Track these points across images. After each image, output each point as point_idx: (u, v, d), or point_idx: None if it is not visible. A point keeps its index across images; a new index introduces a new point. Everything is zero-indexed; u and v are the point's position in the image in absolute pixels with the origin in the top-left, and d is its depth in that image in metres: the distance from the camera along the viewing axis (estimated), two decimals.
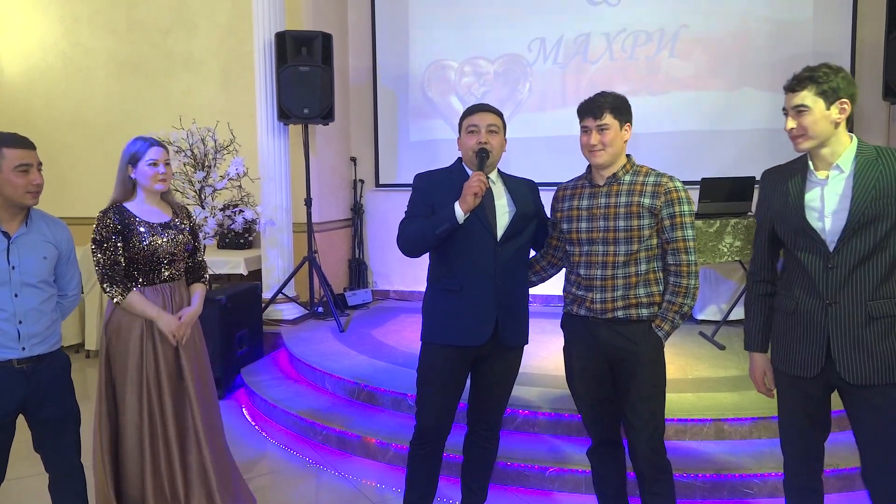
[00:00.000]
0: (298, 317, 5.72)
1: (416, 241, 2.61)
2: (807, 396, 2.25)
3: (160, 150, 2.81)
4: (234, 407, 4.62)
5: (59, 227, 2.61)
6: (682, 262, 2.45)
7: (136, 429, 2.79)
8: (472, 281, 2.60)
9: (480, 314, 2.60)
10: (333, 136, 6.47)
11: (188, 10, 6.53)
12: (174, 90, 6.59)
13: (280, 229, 5.68)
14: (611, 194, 2.48)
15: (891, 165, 2.08)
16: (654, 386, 2.51)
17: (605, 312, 2.47)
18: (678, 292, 2.45)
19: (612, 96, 2.48)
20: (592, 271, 2.48)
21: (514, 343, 2.72)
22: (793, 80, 2.16)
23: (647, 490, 2.55)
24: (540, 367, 4.26)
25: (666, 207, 2.43)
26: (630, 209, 2.43)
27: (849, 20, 5.63)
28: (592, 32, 6.15)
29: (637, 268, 2.45)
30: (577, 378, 2.61)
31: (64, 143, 6.90)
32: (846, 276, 2.11)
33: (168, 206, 2.94)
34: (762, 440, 3.46)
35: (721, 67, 5.90)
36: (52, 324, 2.53)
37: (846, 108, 2.12)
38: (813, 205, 2.16)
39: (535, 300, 6.37)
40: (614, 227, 2.45)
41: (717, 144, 5.90)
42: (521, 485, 3.39)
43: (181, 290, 2.93)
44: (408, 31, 6.63)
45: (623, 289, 2.44)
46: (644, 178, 2.47)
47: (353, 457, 3.77)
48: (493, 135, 2.64)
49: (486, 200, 2.60)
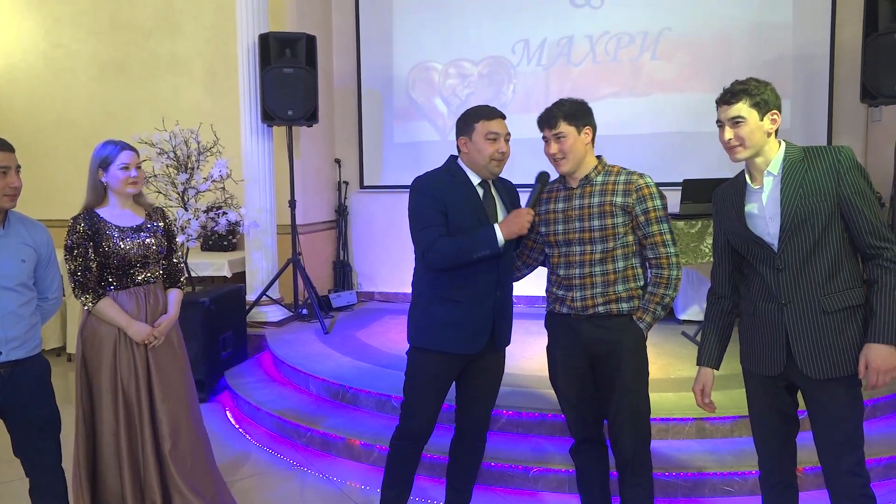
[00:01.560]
0: (283, 319, 5.71)
1: (453, 261, 2.53)
2: (774, 394, 2.33)
3: (131, 154, 2.77)
4: (218, 409, 4.60)
5: (39, 229, 2.59)
6: (661, 254, 2.50)
7: (112, 435, 2.78)
8: (476, 293, 2.60)
9: (482, 324, 2.62)
10: (318, 138, 6.47)
11: (172, 11, 6.50)
12: (158, 91, 6.56)
13: (264, 231, 5.67)
14: (584, 196, 2.52)
15: (815, 163, 2.17)
16: (637, 378, 2.54)
17: (585, 309, 2.51)
18: (660, 283, 2.51)
19: (567, 104, 2.52)
20: (571, 271, 2.54)
21: (505, 345, 2.78)
22: (727, 94, 2.23)
23: (628, 483, 2.57)
24: (524, 367, 4.28)
25: (638, 204, 2.47)
26: (603, 208, 2.48)
27: (828, 24, 5.70)
28: (576, 35, 6.19)
29: (615, 265, 2.49)
30: (560, 376, 2.65)
31: (46, 144, 6.85)
32: (795, 275, 2.19)
33: (141, 208, 2.91)
34: (743, 438, 3.48)
35: (703, 70, 5.95)
36: (31, 328, 2.50)
37: (776, 119, 2.20)
38: (753, 213, 2.26)
39: (519, 301, 6.39)
40: (589, 227, 2.50)
41: (700, 146, 5.95)
42: (505, 485, 3.40)
43: (157, 293, 2.90)
44: (392, 33, 6.64)
45: (602, 286, 2.49)
46: (615, 178, 2.52)
47: (338, 458, 3.77)
48: (508, 144, 2.66)
49: (490, 210, 2.64)
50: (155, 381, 2.84)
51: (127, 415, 2.79)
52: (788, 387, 2.32)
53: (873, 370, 2.10)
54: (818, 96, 5.78)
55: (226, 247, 6.14)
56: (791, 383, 2.30)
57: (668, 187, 2.58)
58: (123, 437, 2.78)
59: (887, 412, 3.76)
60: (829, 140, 5.77)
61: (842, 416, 2.18)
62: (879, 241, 2.13)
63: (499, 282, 2.64)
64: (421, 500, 3.30)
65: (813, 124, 5.81)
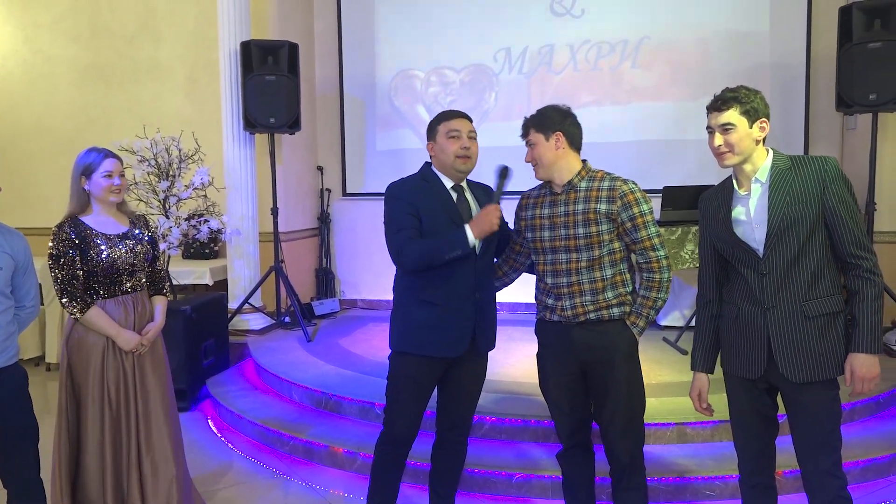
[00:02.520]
0: (265, 327, 5.69)
1: (425, 262, 2.55)
2: (754, 397, 2.37)
3: (114, 162, 2.76)
4: (200, 418, 4.57)
5: (16, 237, 2.56)
6: (652, 258, 2.50)
7: (97, 444, 2.75)
8: (454, 295, 2.60)
9: (461, 327, 2.62)
10: (300, 146, 6.46)
11: (153, 17, 6.47)
12: (140, 98, 6.52)
13: (246, 239, 5.65)
14: (569, 202, 2.52)
15: (802, 172, 2.22)
16: (631, 383, 2.55)
17: (576, 317, 2.51)
18: (651, 287, 2.51)
19: (539, 112, 2.55)
20: (559, 279, 2.53)
21: (487, 350, 2.77)
22: (717, 101, 2.26)
23: (624, 486, 2.58)
24: (508, 374, 4.30)
25: (624, 211, 2.47)
26: (587, 216, 2.48)
27: (804, 33, 5.80)
28: (557, 43, 6.24)
29: (602, 272, 2.49)
30: (551, 384, 2.64)
31: (26, 151, 6.78)
32: (779, 280, 2.23)
33: (124, 216, 2.89)
34: (724, 443, 3.52)
35: (682, 78, 6.02)
36: (8, 337, 2.48)
37: (765, 126, 2.26)
38: (740, 218, 2.29)
39: (503, 307, 6.41)
40: (574, 234, 2.49)
41: (680, 153, 6.02)
42: (489, 491, 3.41)
43: (144, 300, 2.90)
44: (374, 41, 6.66)
45: (591, 294, 2.49)
46: (599, 184, 2.51)
47: (321, 466, 3.76)
48: (474, 141, 2.67)
49: (465, 213, 2.65)
50: (140, 391, 2.82)
51: (113, 425, 2.77)
52: (768, 389, 2.36)
53: (858, 378, 2.18)
54: (795, 104, 5.87)
55: (207, 255, 6.11)
56: (771, 386, 2.34)
57: (649, 194, 2.59)
58: (108, 447, 2.75)
59: (864, 416, 3.81)
60: (806, 148, 5.86)
61: (820, 418, 2.23)
62: (859, 251, 2.19)
63: (478, 284, 2.64)
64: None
65: (790, 132, 5.89)
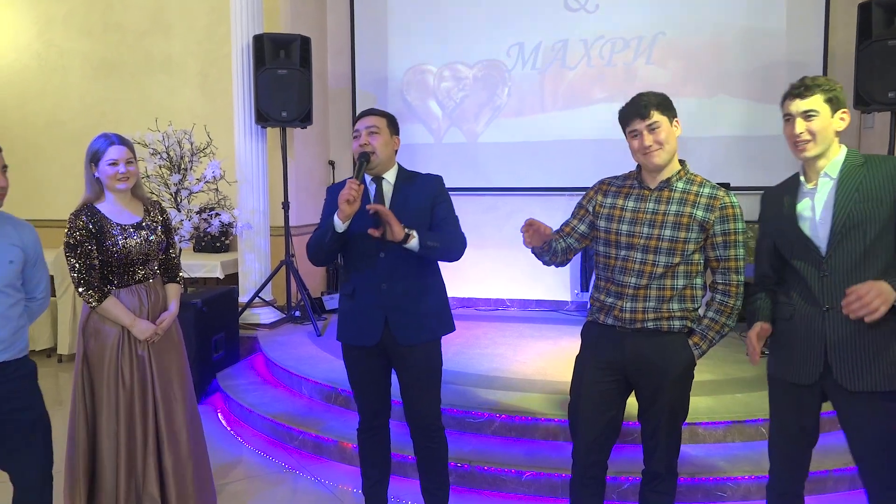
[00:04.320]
0: (275, 321, 5.69)
1: (315, 250, 2.70)
2: (800, 406, 2.24)
3: (121, 150, 2.72)
4: (210, 411, 4.58)
5: (27, 229, 2.55)
6: (732, 281, 2.38)
7: (112, 432, 2.75)
8: (361, 285, 2.69)
9: (369, 317, 2.68)
10: (311, 140, 6.46)
11: (165, 11, 6.48)
12: (152, 92, 6.53)
13: (257, 233, 5.65)
14: (661, 200, 2.37)
15: (876, 169, 2.11)
16: (681, 402, 2.45)
17: (633, 322, 2.37)
18: (724, 311, 2.39)
19: (654, 95, 2.40)
20: (627, 278, 2.38)
21: (410, 342, 2.68)
22: (800, 87, 2.15)
23: (651, 489, 2.52)
24: (517, 371, 4.28)
25: (720, 223, 2.34)
26: (680, 219, 2.33)
27: (821, 30, 5.72)
28: (570, 39, 6.20)
29: (674, 281, 2.36)
30: (584, 393, 2.47)
31: (38, 144, 6.81)
32: (842, 281, 2.09)
33: (139, 203, 2.87)
34: (736, 444, 3.50)
35: (697, 75, 5.97)
36: (18, 329, 2.46)
37: (845, 118, 2.15)
38: (805, 214, 2.19)
39: (513, 304, 6.44)
40: (659, 235, 2.34)
41: (693, 151, 5.96)
42: (498, 489, 3.39)
43: (157, 289, 2.89)
44: (387, 36, 6.64)
45: (656, 300, 2.35)
46: (699, 188, 2.36)
47: (330, 461, 3.76)
48: (375, 136, 2.68)
49: (377, 201, 2.67)
50: (157, 381, 2.82)
51: (127, 413, 2.76)
52: (818, 398, 2.22)
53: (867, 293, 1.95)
54: None
55: (218, 248, 6.12)
56: (822, 394, 2.21)
57: None
58: (122, 435, 2.75)
59: None
60: None
61: (885, 437, 2.08)
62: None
63: (383, 275, 2.65)
64: (404, 502, 3.30)
65: None
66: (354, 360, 2.79)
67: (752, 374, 4.11)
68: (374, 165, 2.68)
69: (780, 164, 5.93)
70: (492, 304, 6.39)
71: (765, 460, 3.31)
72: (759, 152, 5.92)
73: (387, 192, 2.72)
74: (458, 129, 6.53)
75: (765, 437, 3.52)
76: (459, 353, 4.66)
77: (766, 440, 3.50)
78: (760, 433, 3.51)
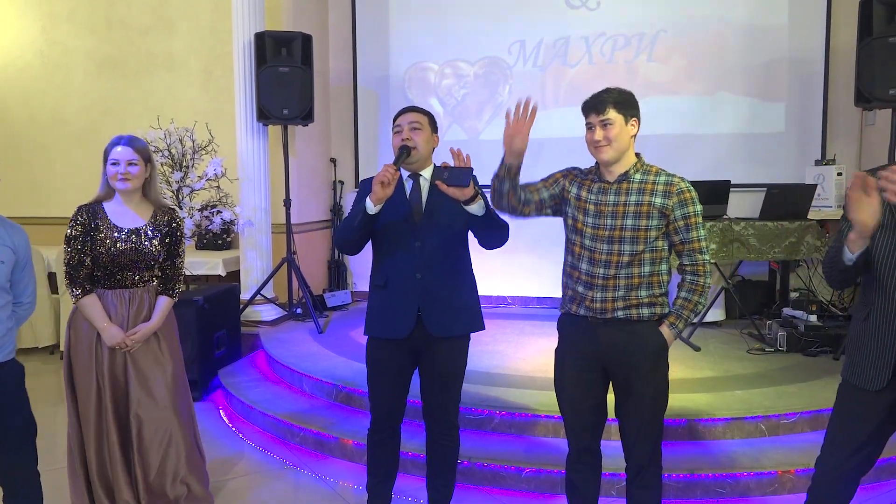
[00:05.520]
0: (277, 318, 5.70)
1: (344, 234, 2.69)
2: (870, 414, 2.14)
3: (126, 150, 2.75)
4: (212, 408, 4.60)
5: (17, 231, 2.54)
6: (699, 261, 2.44)
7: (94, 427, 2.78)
8: (394, 276, 2.69)
9: (402, 308, 2.67)
10: (313, 137, 6.46)
11: (168, 9, 6.49)
12: (154, 89, 6.55)
13: (259, 230, 5.66)
14: (620, 192, 2.42)
15: None
16: (657, 386, 2.47)
17: (604, 312, 2.42)
18: (696, 290, 2.45)
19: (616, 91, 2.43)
20: (595, 269, 2.43)
21: (442, 334, 2.68)
22: None
23: (637, 484, 2.54)
24: (519, 367, 4.29)
25: (679, 208, 2.40)
26: (640, 208, 2.39)
27: (823, 27, 5.72)
28: (572, 36, 6.20)
29: (640, 269, 2.41)
30: (567, 382, 2.55)
31: (41, 142, 6.82)
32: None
33: (150, 208, 2.88)
34: (735, 440, 3.50)
35: (698, 72, 5.97)
36: (7, 332, 2.46)
37: None
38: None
39: (514, 301, 6.45)
40: (621, 225, 2.40)
41: (694, 148, 5.98)
42: (498, 485, 3.40)
43: (144, 298, 2.86)
44: (388, 33, 6.64)
45: (625, 289, 2.40)
46: (655, 178, 2.43)
47: (331, 458, 3.77)
48: (417, 131, 2.69)
49: (413, 199, 2.68)
50: (133, 385, 2.81)
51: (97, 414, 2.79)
52: (892, 406, 2.12)
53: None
54: (813, 99, 5.81)
55: (220, 245, 6.13)
56: (892, 402, 2.11)
57: None
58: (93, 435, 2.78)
59: None
60: (824, 144, 5.79)
61: None
62: None
63: (419, 265, 2.65)
64: (406, 498, 3.31)
65: (807, 128, 5.84)
66: (379, 355, 2.76)
67: (752, 372, 4.13)
68: (414, 160, 2.69)
69: (780, 162, 5.94)
70: (492, 301, 6.40)
71: (764, 457, 3.35)
72: (760, 149, 5.92)
73: (424, 188, 2.72)
74: (460, 126, 6.54)
75: (763, 434, 3.57)
76: None
77: (764, 437, 3.56)
78: (760, 430, 3.52)
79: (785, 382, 3.94)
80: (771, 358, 4.42)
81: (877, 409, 2.15)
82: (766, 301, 5.62)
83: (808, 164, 5.68)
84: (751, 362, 4.32)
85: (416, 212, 2.67)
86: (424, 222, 2.67)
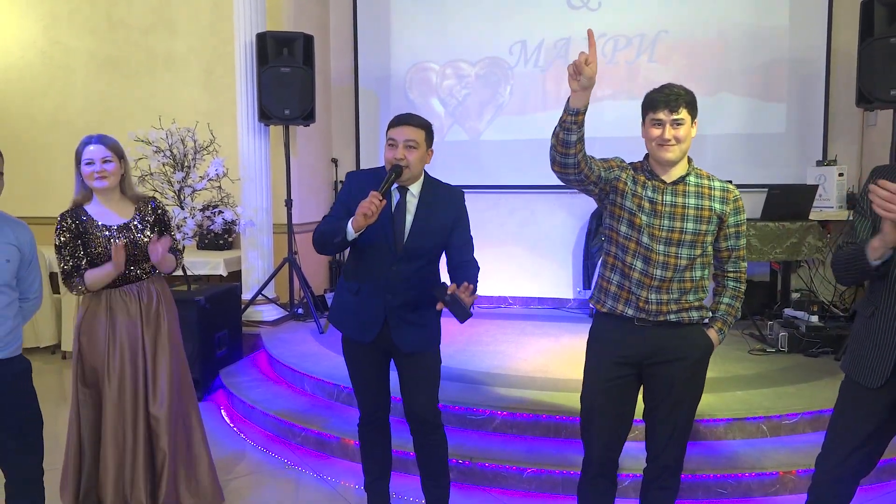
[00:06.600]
0: (278, 318, 5.71)
1: (322, 243, 2.65)
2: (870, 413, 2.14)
3: (98, 148, 2.74)
4: (213, 408, 4.60)
5: (22, 229, 2.55)
6: (742, 269, 2.49)
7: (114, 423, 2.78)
8: (367, 288, 2.68)
9: (370, 316, 2.67)
10: (314, 138, 6.47)
11: (169, 9, 6.49)
12: (155, 90, 6.54)
13: (260, 230, 5.67)
14: (677, 193, 2.38)
15: None
16: (696, 392, 2.48)
17: (658, 314, 2.38)
18: (738, 297, 2.49)
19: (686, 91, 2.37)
20: (652, 269, 2.37)
21: (409, 350, 2.70)
22: None
23: (657, 485, 2.53)
24: (519, 368, 4.29)
25: (734, 215, 2.41)
26: (701, 212, 2.37)
27: (824, 28, 5.73)
28: (573, 36, 6.20)
29: (692, 273, 2.39)
30: (600, 388, 2.47)
31: (43, 142, 6.82)
32: None
33: (130, 203, 2.88)
34: (737, 441, 3.50)
35: (699, 73, 5.97)
36: (14, 329, 2.47)
37: None
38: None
39: (515, 302, 6.45)
40: (681, 228, 2.36)
41: (695, 149, 5.91)
42: (499, 486, 3.40)
43: (150, 289, 2.88)
44: (389, 33, 6.65)
45: (678, 293, 2.38)
46: (709, 182, 2.42)
47: (332, 458, 3.78)
48: (412, 150, 2.58)
49: (397, 216, 2.64)
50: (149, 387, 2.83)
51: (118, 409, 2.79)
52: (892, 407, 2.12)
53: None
54: (814, 100, 5.81)
55: (221, 246, 6.13)
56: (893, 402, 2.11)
57: None
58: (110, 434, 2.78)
59: None
60: (825, 144, 5.79)
61: None
62: None
63: (391, 286, 2.64)
64: (405, 498, 3.31)
65: (808, 128, 5.84)
66: (354, 354, 2.79)
67: (753, 372, 4.13)
68: (405, 179, 2.64)
69: (781, 162, 5.95)
70: (494, 301, 6.40)
71: (765, 457, 3.35)
72: (762, 150, 5.92)
73: (410, 205, 2.67)
74: (461, 126, 6.54)
75: (765, 435, 3.56)
76: (461, 350, 4.67)
77: (765, 438, 3.56)
78: (761, 430, 3.52)
79: (786, 383, 3.94)
80: (772, 358, 4.42)
81: (877, 409, 2.16)
82: (767, 301, 5.62)
83: (809, 164, 5.68)
84: (752, 363, 4.33)
85: (397, 242, 2.63)
86: (404, 252, 2.63)
